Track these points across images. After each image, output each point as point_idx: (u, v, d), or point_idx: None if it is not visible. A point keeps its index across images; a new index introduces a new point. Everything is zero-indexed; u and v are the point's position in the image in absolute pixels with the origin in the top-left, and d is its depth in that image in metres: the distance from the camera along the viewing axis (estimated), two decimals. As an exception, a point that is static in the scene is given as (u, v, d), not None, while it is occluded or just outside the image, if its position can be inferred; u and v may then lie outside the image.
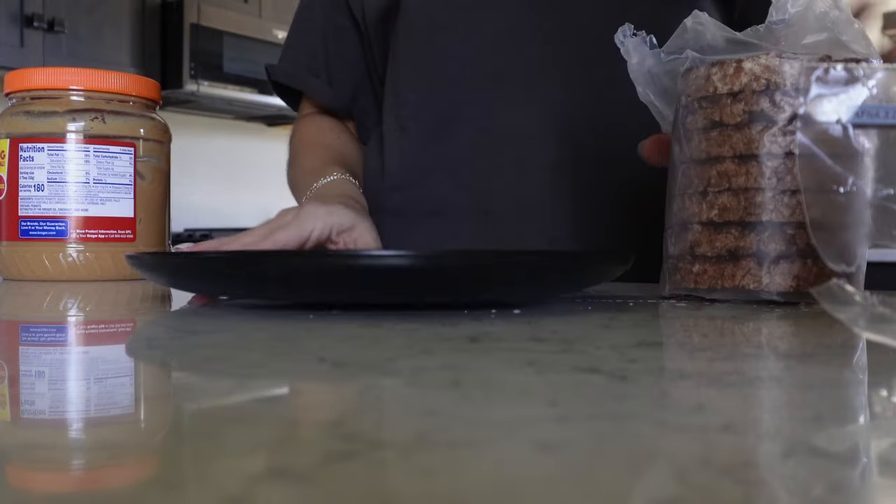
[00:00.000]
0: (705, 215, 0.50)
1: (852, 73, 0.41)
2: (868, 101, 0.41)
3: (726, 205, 0.49)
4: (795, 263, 0.47)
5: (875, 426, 0.21)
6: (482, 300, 0.47)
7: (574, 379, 0.25)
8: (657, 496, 0.15)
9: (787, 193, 0.47)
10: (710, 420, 0.21)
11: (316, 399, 0.25)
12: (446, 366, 0.27)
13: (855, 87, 0.41)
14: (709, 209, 0.50)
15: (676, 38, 0.51)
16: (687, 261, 0.51)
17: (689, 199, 0.51)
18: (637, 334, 0.36)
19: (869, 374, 0.28)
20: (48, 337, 0.38)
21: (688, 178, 0.51)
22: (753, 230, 0.48)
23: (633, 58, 0.53)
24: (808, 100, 0.42)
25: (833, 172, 0.41)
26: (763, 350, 0.33)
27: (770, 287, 0.48)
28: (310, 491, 0.15)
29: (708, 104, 0.49)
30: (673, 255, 0.52)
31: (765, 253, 0.48)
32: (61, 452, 0.18)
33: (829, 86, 0.42)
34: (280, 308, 0.45)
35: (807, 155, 0.41)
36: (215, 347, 0.32)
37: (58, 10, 2.33)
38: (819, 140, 0.41)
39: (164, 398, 0.25)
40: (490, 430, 0.19)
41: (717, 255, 0.49)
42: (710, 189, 0.50)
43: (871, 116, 0.41)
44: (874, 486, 0.16)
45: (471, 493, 0.15)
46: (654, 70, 0.53)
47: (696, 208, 0.50)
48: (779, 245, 0.48)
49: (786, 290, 0.48)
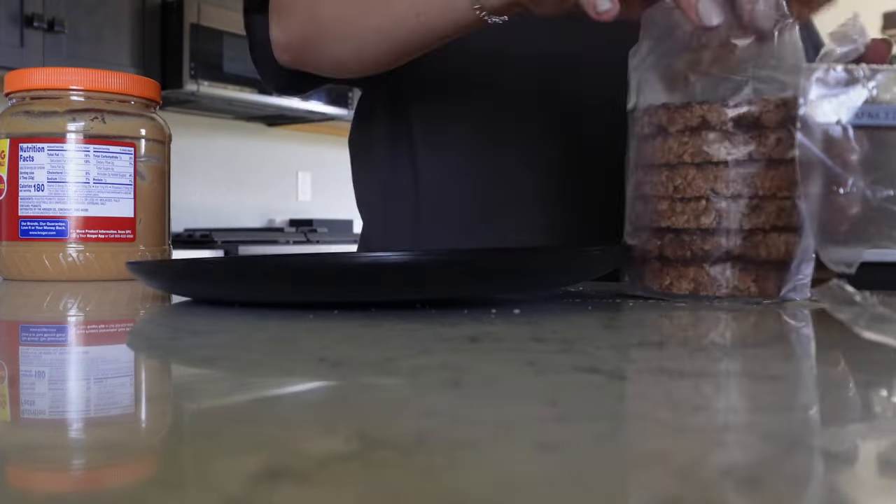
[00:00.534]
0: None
1: (852, 73, 0.41)
2: (868, 101, 0.41)
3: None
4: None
5: (875, 426, 0.21)
6: (462, 297, 0.47)
7: (574, 379, 0.25)
8: (657, 496, 0.15)
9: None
10: (710, 420, 0.21)
11: (316, 399, 0.25)
12: (446, 366, 0.27)
13: (855, 88, 0.41)
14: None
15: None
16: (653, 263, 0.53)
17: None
18: (637, 334, 0.36)
19: (869, 374, 0.28)
20: (48, 337, 0.38)
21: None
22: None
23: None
24: (809, 100, 0.42)
25: (833, 173, 0.41)
26: (762, 350, 0.33)
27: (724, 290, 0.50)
28: (310, 491, 0.15)
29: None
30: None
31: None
32: (61, 452, 0.18)
33: (829, 87, 0.42)
34: (280, 308, 0.45)
35: (806, 155, 0.41)
36: (215, 347, 0.32)
37: (58, 10, 2.33)
38: (819, 141, 0.41)
39: (164, 398, 0.25)
40: (490, 430, 0.19)
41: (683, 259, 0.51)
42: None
43: (871, 117, 0.41)
44: (874, 486, 0.16)
45: (471, 493, 0.15)
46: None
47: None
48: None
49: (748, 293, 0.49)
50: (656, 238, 0.52)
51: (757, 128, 0.48)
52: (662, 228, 0.51)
